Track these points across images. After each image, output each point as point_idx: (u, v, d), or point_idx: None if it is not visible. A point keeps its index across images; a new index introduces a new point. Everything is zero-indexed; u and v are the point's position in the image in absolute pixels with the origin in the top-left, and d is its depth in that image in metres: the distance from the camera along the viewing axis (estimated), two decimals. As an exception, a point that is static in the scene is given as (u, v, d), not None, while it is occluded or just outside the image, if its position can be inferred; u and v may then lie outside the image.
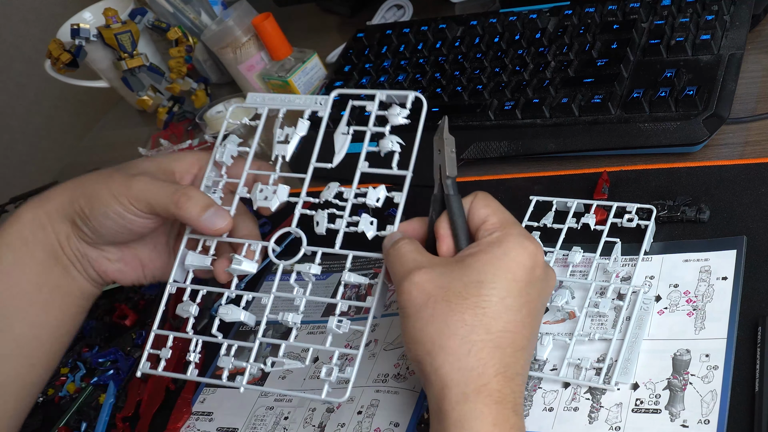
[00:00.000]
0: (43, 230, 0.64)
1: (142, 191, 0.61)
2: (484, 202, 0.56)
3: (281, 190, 0.62)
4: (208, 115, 1.04)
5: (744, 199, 0.64)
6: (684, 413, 0.53)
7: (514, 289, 0.52)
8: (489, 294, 0.51)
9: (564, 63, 0.80)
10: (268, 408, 0.68)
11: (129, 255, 0.67)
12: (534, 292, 0.53)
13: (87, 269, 0.66)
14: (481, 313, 0.51)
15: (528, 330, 0.53)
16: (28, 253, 0.63)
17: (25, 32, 1.71)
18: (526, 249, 0.53)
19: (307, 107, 0.62)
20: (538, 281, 0.53)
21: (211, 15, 1.14)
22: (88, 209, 0.62)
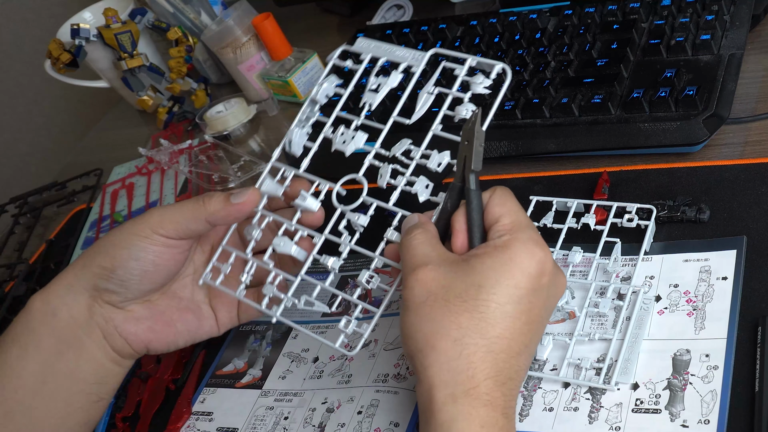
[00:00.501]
0: (54, 316, 0.62)
1: (162, 216, 0.61)
2: (500, 200, 0.55)
3: (359, 136, 0.62)
4: (208, 115, 1.04)
5: (744, 199, 0.64)
6: (684, 413, 0.53)
7: (515, 296, 0.51)
8: (488, 299, 0.51)
9: (564, 63, 0.80)
10: (268, 408, 0.68)
11: (156, 312, 0.65)
12: (538, 300, 0.52)
13: (113, 339, 0.64)
14: (477, 317, 0.50)
15: (526, 336, 0.52)
16: (34, 343, 0.62)
17: (25, 32, 1.71)
18: (534, 256, 0.52)
19: (404, 61, 0.63)
20: (543, 289, 0.53)
21: (211, 15, 1.14)
22: (110, 262, 0.62)
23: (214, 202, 0.61)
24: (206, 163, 1.01)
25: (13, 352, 0.62)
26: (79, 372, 0.63)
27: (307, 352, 0.71)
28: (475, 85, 0.60)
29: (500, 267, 0.51)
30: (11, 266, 1.01)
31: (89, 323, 0.63)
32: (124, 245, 0.61)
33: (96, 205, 1.06)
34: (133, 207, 1.01)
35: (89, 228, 1.02)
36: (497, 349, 0.50)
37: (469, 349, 0.50)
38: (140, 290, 0.63)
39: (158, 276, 0.63)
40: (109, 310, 0.63)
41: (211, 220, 0.61)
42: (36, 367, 0.62)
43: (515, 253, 0.52)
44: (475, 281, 0.51)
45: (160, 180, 1.03)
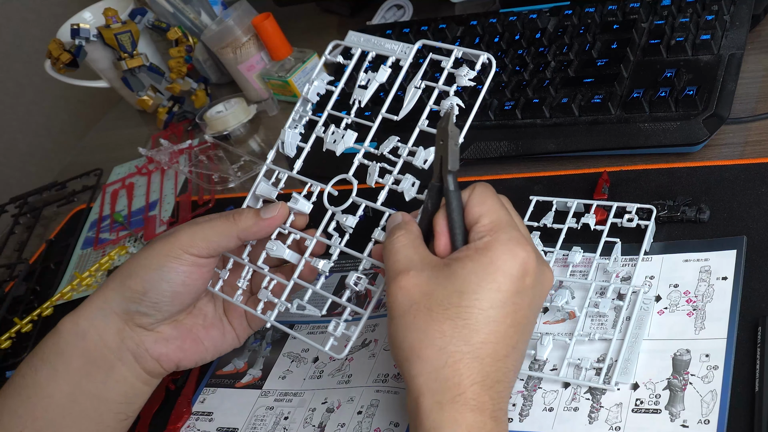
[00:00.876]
0: (84, 338, 0.63)
1: (193, 236, 0.62)
2: (479, 199, 0.54)
3: (348, 135, 0.63)
4: (208, 115, 1.04)
5: (744, 199, 0.64)
6: (684, 413, 0.53)
7: (498, 300, 0.51)
8: (470, 305, 0.50)
9: (564, 63, 0.80)
10: (268, 408, 0.68)
11: (185, 331, 0.66)
12: (523, 300, 0.52)
13: (144, 361, 0.64)
14: (461, 324, 0.50)
15: (513, 338, 0.51)
16: (64, 364, 0.63)
17: (25, 32, 1.71)
18: (516, 257, 0.51)
19: (392, 54, 0.63)
20: (528, 289, 0.52)
21: (211, 15, 1.14)
22: (141, 284, 0.62)
23: (245, 218, 0.62)
24: (206, 163, 1.01)
25: (43, 373, 0.63)
26: (108, 393, 0.64)
27: (307, 352, 0.71)
28: (460, 77, 0.59)
29: (481, 271, 0.51)
30: (11, 266, 1.01)
31: (120, 347, 0.64)
32: (155, 267, 0.62)
33: (96, 205, 1.06)
34: (133, 207, 1.01)
35: (89, 228, 1.02)
36: (483, 355, 0.50)
37: (454, 357, 0.50)
38: (171, 311, 0.64)
39: (188, 296, 0.64)
40: (139, 333, 0.64)
41: (242, 237, 0.62)
42: (66, 387, 0.63)
43: (496, 256, 0.51)
44: (456, 287, 0.51)
45: (160, 180, 1.03)
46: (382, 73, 0.63)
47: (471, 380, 0.50)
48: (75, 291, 0.92)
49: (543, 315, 0.63)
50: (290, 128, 0.66)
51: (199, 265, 0.62)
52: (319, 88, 0.66)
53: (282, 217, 0.62)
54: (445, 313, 0.50)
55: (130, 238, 0.96)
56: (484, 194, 0.54)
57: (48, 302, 0.91)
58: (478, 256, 0.51)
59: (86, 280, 0.92)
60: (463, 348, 0.50)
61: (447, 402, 0.49)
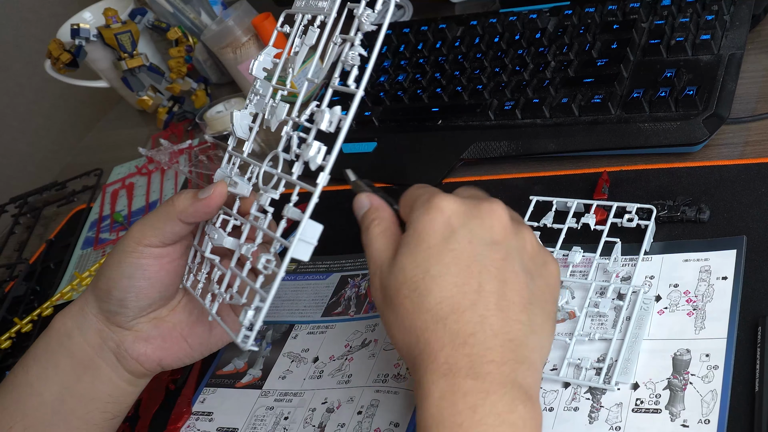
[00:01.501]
0: (69, 338, 0.63)
1: (143, 227, 0.61)
2: (402, 201, 0.55)
3: (280, 107, 0.59)
4: (208, 115, 1.04)
5: (744, 199, 0.64)
6: (684, 413, 0.53)
7: (432, 256, 0.50)
8: (413, 276, 0.50)
9: (564, 63, 0.80)
10: (268, 408, 0.68)
11: (167, 329, 0.65)
12: (460, 243, 0.50)
13: (125, 361, 0.64)
14: (414, 297, 0.50)
15: (471, 283, 0.50)
16: (53, 364, 0.63)
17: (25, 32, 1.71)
18: (428, 211, 0.51)
19: (320, 13, 0.59)
20: (458, 228, 0.51)
21: (211, 15, 1.14)
22: (106, 283, 0.62)
23: (183, 199, 0.60)
24: (206, 163, 1.01)
25: (34, 371, 0.63)
26: (95, 392, 0.64)
27: (307, 352, 0.71)
28: (362, 22, 0.53)
29: (411, 244, 0.51)
30: (11, 266, 1.01)
31: (102, 347, 0.64)
32: (115, 264, 0.61)
33: (96, 205, 1.06)
34: (133, 207, 1.01)
35: (89, 228, 1.02)
36: (443, 314, 0.49)
37: (421, 328, 0.49)
38: (140, 307, 0.63)
39: (153, 290, 0.63)
40: (118, 333, 0.64)
41: (182, 218, 0.60)
42: (54, 386, 0.63)
43: (415, 224, 0.51)
44: (399, 268, 0.51)
45: (160, 180, 1.03)
46: (310, 36, 0.59)
47: (440, 344, 0.49)
48: (75, 291, 0.92)
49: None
50: (239, 109, 0.63)
51: (156, 256, 0.61)
52: (265, 63, 0.62)
53: (218, 196, 0.59)
54: (399, 295, 0.50)
55: (130, 238, 0.96)
56: (410, 189, 0.56)
57: (48, 302, 0.91)
58: (406, 235, 0.52)
59: (86, 280, 0.92)
60: (425, 316, 0.49)
61: (422, 375, 0.49)
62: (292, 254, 0.52)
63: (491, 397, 0.47)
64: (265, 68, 0.62)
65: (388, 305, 0.52)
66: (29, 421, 0.62)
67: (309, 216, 0.52)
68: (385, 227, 0.55)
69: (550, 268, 0.54)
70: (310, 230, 0.52)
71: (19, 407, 0.63)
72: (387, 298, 0.52)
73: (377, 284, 0.53)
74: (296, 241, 0.52)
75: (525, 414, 0.47)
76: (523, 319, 0.50)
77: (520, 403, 0.47)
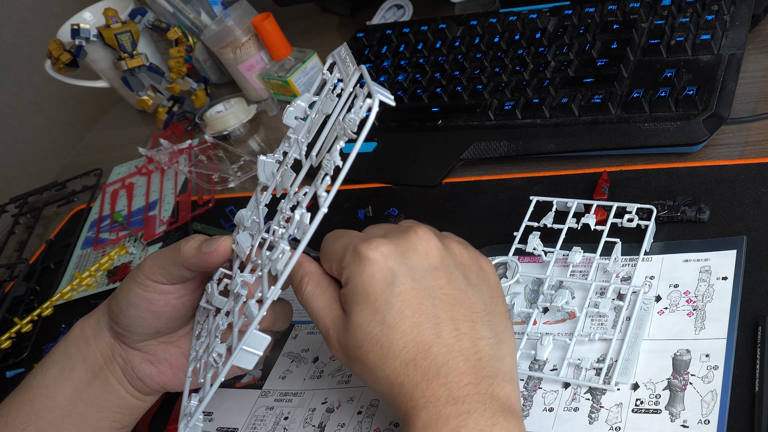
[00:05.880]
0: (87, 345, 0.64)
1: (153, 262, 0.61)
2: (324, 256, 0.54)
3: (287, 176, 0.58)
4: (208, 115, 1.04)
5: (744, 199, 0.64)
6: (684, 413, 0.53)
7: (381, 306, 0.50)
8: (370, 331, 0.50)
9: (564, 63, 0.80)
10: (268, 408, 0.68)
11: (174, 353, 0.65)
12: (403, 285, 0.50)
13: (131, 378, 0.65)
14: (377, 350, 0.50)
15: (430, 319, 0.50)
16: (69, 368, 0.64)
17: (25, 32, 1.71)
18: (363, 261, 0.51)
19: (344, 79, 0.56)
20: (398, 270, 0.50)
21: (211, 15, 1.14)
22: (116, 306, 0.62)
23: (188, 248, 0.59)
24: (206, 163, 1.01)
25: (51, 374, 0.64)
26: (104, 401, 0.64)
27: (307, 352, 0.71)
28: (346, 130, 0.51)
29: (357, 299, 0.51)
30: (11, 266, 1.01)
31: (111, 361, 0.64)
32: (125, 291, 0.62)
33: (96, 205, 1.06)
34: (132, 207, 1.01)
35: (89, 228, 1.02)
36: (411, 356, 0.49)
37: (391, 377, 0.50)
38: (144, 334, 0.63)
39: (159, 323, 0.63)
40: (127, 351, 0.64)
41: (187, 267, 0.60)
42: (69, 391, 0.64)
43: (354, 279, 0.51)
44: (354, 326, 0.51)
45: (160, 180, 1.03)
46: (328, 104, 0.56)
47: (413, 384, 0.49)
48: (75, 291, 0.92)
49: (543, 315, 0.63)
50: (266, 155, 0.62)
51: (163, 292, 0.61)
52: (297, 112, 0.60)
53: (220, 254, 0.58)
54: (363, 351, 0.51)
55: (130, 238, 0.96)
56: (327, 242, 0.55)
57: (48, 302, 0.91)
58: (348, 292, 0.52)
59: (86, 280, 0.92)
60: (393, 364, 0.50)
61: (404, 412, 0.50)
62: (234, 362, 0.51)
63: (473, 416, 0.48)
64: (297, 117, 0.60)
65: (354, 362, 0.52)
66: (42, 423, 0.63)
67: (255, 326, 0.51)
68: (316, 282, 0.55)
69: (486, 269, 0.54)
70: (256, 340, 0.52)
71: (34, 408, 0.63)
72: (350, 356, 0.52)
73: (335, 344, 0.53)
74: (239, 350, 0.51)
75: (507, 425, 0.48)
76: (485, 333, 0.51)
77: (501, 416, 0.48)
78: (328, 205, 0.50)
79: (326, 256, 0.55)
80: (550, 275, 0.65)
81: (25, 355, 0.86)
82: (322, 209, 0.50)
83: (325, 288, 0.54)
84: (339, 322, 0.53)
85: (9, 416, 0.63)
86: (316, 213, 0.50)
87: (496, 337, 0.51)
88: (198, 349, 0.61)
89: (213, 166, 1.01)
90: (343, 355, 0.53)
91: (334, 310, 0.53)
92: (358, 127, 0.50)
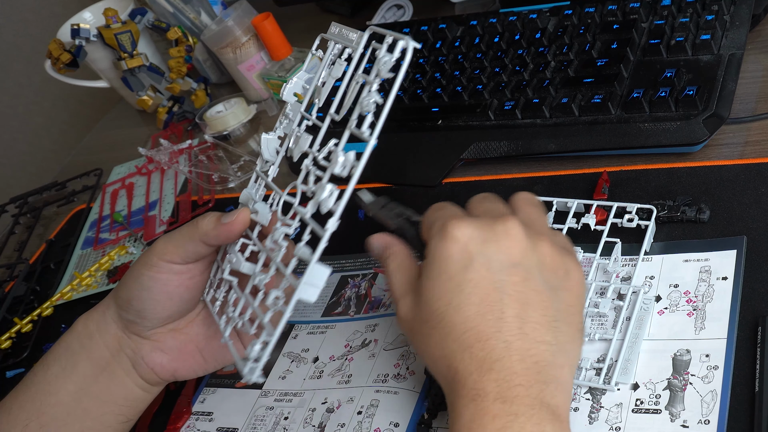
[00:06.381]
0: (91, 340, 0.64)
1: (166, 243, 0.62)
2: (427, 216, 0.56)
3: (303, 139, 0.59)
4: (208, 115, 1.04)
5: (744, 199, 0.64)
6: (684, 413, 0.53)
7: (453, 287, 0.51)
8: (437, 309, 0.51)
9: (564, 63, 0.80)
10: (268, 408, 0.68)
11: (183, 341, 0.66)
12: (477, 273, 0.51)
13: (141, 369, 0.65)
14: (440, 328, 0.51)
15: (495, 311, 0.50)
16: (72, 364, 0.64)
17: (25, 32, 1.71)
18: (445, 237, 0.51)
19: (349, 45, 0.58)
20: (477, 255, 0.51)
21: (211, 15, 1.14)
22: (126, 293, 0.63)
23: (206, 222, 0.61)
24: (206, 163, 1.01)
25: (53, 370, 0.64)
26: (110, 395, 0.65)
27: (307, 352, 0.71)
28: (381, 68, 0.52)
29: (432, 274, 0.52)
30: (11, 266, 1.01)
31: (119, 353, 0.65)
32: (136, 276, 0.62)
33: (96, 205, 1.06)
34: (133, 207, 1.01)
35: (89, 228, 1.02)
36: (469, 343, 0.50)
37: (448, 358, 0.51)
38: (158, 319, 0.64)
39: (172, 304, 0.64)
40: (136, 341, 0.65)
41: (205, 241, 0.61)
42: (72, 387, 0.64)
43: (433, 251, 0.52)
44: (425, 299, 0.52)
45: (160, 180, 1.03)
46: (338, 68, 0.59)
47: (467, 372, 0.50)
48: (75, 291, 0.92)
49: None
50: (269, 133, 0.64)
51: (176, 272, 0.62)
52: (296, 88, 0.63)
53: (240, 223, 0.60)
54: (428, 326, 0.52)
55: (130, 238, 0.96)
56: (430, 210, 0.56)
57: (48, 302, 0.91)
58: (426, 263, 0.53)
59: (86, 280, 0.92)
60: (452, 346, 0.50)
61: (454, 399, 0.50)
62: (298, 296, 0.52)
63: (519, 419, 0.48)
64: (296, 93, 0.63)
65: (416, 336, 0.53)
66: (45, 419, 0.63)
67: (316, 260, 0.52)
68: (399, 262, 0.56)
69: (573, 275, 0.53)
70: (317, 273, 0.52)
71: (36, 405, 0.63)
72: (414, 330, 0.53)
73: (402, 315, 0.54)
74: (302, 284, 0.52)
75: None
76: (548, 339, 0.51)
77: (548, 424, 0.48)
78: (377, 137, 0.51)
79: (425, 221, 0.56)
80: (550, 275, 0.65)
81: (25, 355, 0.86)
82: (371, 142, 0.51)
83: (406, 268, 0.56)
84: (409, 295, 0.54)
85: (11, 413, 0.64)
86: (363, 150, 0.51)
87: (559, 345, 0.51)
88: (232, 314, 0.61)
89: (213, 166, 1.01)
90: (408, 327, 0.54)
91: (407, 284, 0.54)
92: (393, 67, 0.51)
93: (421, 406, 0.62)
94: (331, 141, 0.54)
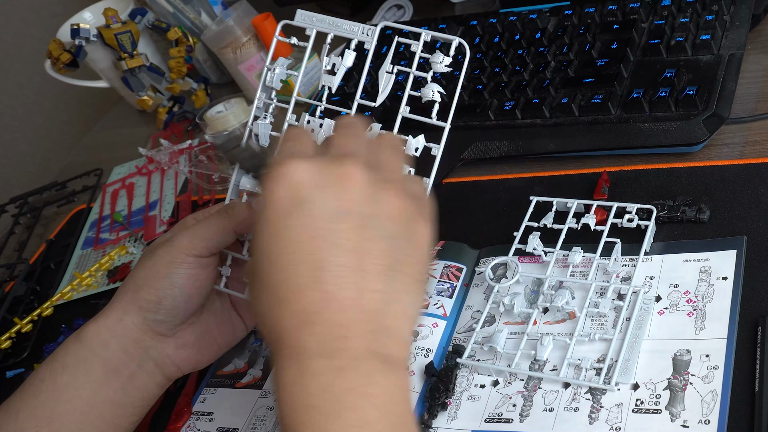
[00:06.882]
0: (105, 348, 0.63)
1: (193, 238, 0.62)
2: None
3: (326, 124, 0.60)
4: (208, 115, 1.04)
5: (744, 199, 0.64)
6: (684, 413, 0.53)
7: (272, 234, 0.47)
8: (257, 260, 0.47)
9: (564, 63, 0.80)
10: (269, 408, 0.68)
11: (201, 332, 0.66)
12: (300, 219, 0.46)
13: (166, 368, 0.65)
14: (259, 281, 0.47)
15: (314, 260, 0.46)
16: (84, 372, 0.63)
17: (25, 32, 1.71)
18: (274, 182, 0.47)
19: (353, 36, 0.60)
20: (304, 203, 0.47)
21: (211, 15, 1.14)
22: (155, 294, 0.62)
23: (240, 211, 0.61)
24: (206, 163, 1.01)
25: (63, 379, 0.63)
26: (128, 398, 0.64)
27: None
28: (436, 64, 0.58)
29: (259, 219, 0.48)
30: (11, 266, 1.01)
31: (143, 357, 0.64)
32: (164, 275, 0.62)
33: (96, 205, 1.06)
34: (133, 207, 1.01)
35: (89, 228, 1.02)
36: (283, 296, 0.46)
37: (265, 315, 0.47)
38: (187, 314, 0.64)
39: (200, 298, 0.64)
40: (161, 341, 0.64)
41: (239, 231, 0.62)
42: (85, 394, 0.63)
43: (262, 197, 0.48)
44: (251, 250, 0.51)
45: (160, 180, 1.03)
46: (348, 57, 0.61)
47: (283, 327, 0.46)
48: (75, 291, 0.92)
49: (543, 315, 0.63)
50: (260, 119, 0.65)
51: (203, 265, 0.63)
52: (282, 75, 0.64)
53: None
54: (251, 279, 0.49)
55: (130, 238, 0.96)
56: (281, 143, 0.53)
57: (48, 302, 0.91)
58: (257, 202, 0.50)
59: (86, 280, 0.92)
60: (268, 300, 0.47)
61: (275, 362, 0.47)
62: None
63: (346, 374, 0.45)
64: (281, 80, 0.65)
65: (248, 290, 0.50)
66: (56, 426, 0.62)
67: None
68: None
69: (418, 228, 0.50)
70: None
71: (46, 413, 0.63)
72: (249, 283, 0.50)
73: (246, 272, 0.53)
74: None
75: (386, 384, 0.45)
76: (379, 287, 0.47)
77: (379, 373, 0.45)
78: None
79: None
80: (550, 275, 0.65)
81: (25, 355, 0.86)
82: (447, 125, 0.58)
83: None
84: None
85: (18, 420, 0.63)
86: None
87: (393, 294, 0.47)
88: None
89: (213, 166, 1.00)
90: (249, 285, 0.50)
91: None
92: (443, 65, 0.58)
93: (421, 405, 0.61)
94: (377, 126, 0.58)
